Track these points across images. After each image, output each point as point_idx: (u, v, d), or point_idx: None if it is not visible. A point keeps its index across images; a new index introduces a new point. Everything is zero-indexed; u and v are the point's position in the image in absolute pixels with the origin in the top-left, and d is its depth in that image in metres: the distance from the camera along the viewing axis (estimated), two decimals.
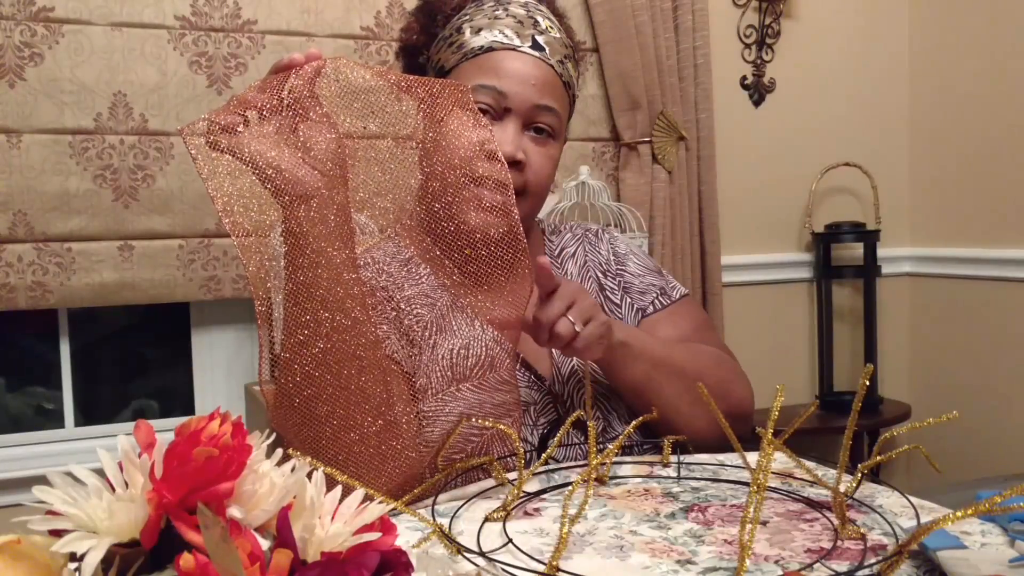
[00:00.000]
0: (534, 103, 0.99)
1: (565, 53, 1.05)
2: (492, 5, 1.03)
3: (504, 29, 1.00)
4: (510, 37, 1.00)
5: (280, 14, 1.95)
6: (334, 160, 0.79)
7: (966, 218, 2.52)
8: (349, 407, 0.79)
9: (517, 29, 1.01)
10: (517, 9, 1.03)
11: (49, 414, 2.03)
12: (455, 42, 1.02)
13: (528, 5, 1.05)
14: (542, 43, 1.01)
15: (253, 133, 0.76)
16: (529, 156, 1.00)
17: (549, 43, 1.02)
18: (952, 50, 2.54)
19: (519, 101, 0.98)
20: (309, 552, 0.47)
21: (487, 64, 0.99)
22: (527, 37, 1.00)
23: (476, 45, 1.00)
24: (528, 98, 0.99)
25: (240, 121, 0.76)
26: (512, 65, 0.99)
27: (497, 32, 1.00)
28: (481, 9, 1.03)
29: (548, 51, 1.01)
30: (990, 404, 2.43)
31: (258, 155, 0.76)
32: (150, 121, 1.86)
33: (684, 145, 2.29)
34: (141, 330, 2.26)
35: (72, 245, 1.82)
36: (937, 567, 0.61)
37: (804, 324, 2.61)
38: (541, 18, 1.04)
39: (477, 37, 1.00)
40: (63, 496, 0.46)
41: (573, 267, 1.16)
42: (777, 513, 0.76)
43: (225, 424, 0.48)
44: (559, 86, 1.02)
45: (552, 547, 0.67)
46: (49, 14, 1.78)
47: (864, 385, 0.69)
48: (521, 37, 1.00)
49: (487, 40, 0.99)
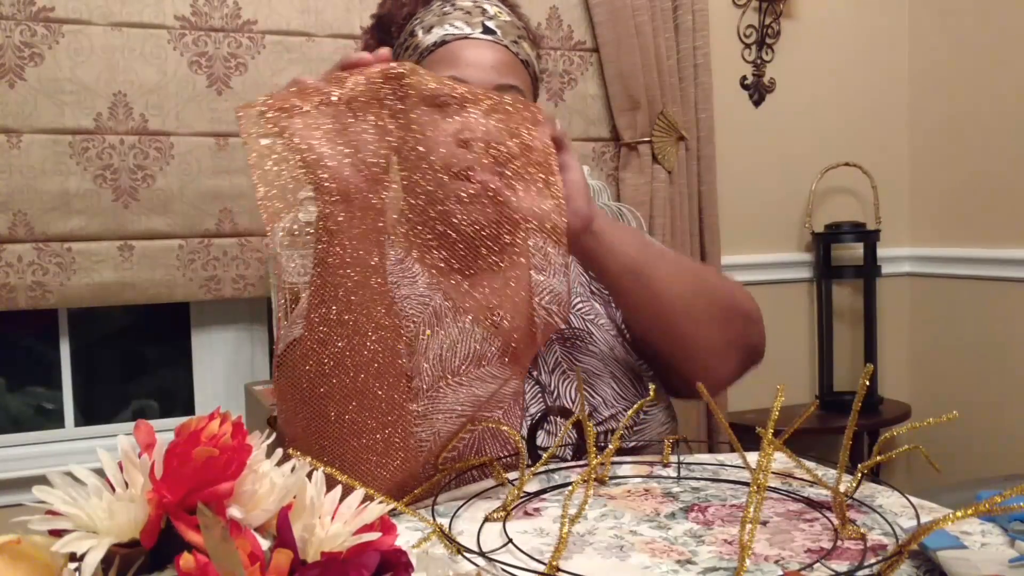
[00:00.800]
0: (495, 83, 1.01)
1: (518, 34, 1.07)
2: (440, 3, 1.06)
3: (454, 22, 1.03)
4: (460, 27, 1.02)
5: (280, 14, 1.95)
6: (380, 164, 0.79)
7: (966, 218, 2.52)
8: (360, 411, 0.79)
9: (466, 19, 1.03)
10: (464, 2, 1.06)
11: (49, 414, 2.03)
12: (410, 45, 1.05)
13: None
14: (492, 27, 1.03)
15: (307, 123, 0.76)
16: None
17: (500, 26, 1.04)
18: (952, 50, 2.54)
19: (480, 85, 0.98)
20: (309, 552, 0.47)
21: (444, 57, 1.01)
22: (477, 24, 1.03)
23: (430, 42, 1.02)
24: (489, 80, 1.00)
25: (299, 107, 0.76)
26: (467, 53, 1.01)
27: (448, 26, 1.02)
28: (430, 10, 1.06)
29: (500, 34, 1.03)
30: (990, 404, 2.43)
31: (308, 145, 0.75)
32: (150, 121, 1.87)
33: (684, 145, 2.29)
34: (141, 330, 2.26)
35: (72, 245, 1.82)
36: (937, 567, 0.61)
37: (804, 324, 2.61)
38: (489, 6, 1.06)
39: (429, 35, 1.03)
40: (63, 496, 0.46)
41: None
42: (777, 513, 0.76)
43: (225, 424, 0.48)
44: (517, 64, 1.04)
45: (552, 547, 0.67)
46: (49, 14, 1.78)
47: (864, 385, 0.69)
48: (471, 25, 1.03)
49: (439, 35, 1.02)
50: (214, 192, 1.92)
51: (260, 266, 1.96)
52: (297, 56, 1.97)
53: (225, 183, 1.92)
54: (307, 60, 1.98)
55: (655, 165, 2.25)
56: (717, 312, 1.00)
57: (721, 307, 1.01)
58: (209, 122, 1.91)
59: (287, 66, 1.96)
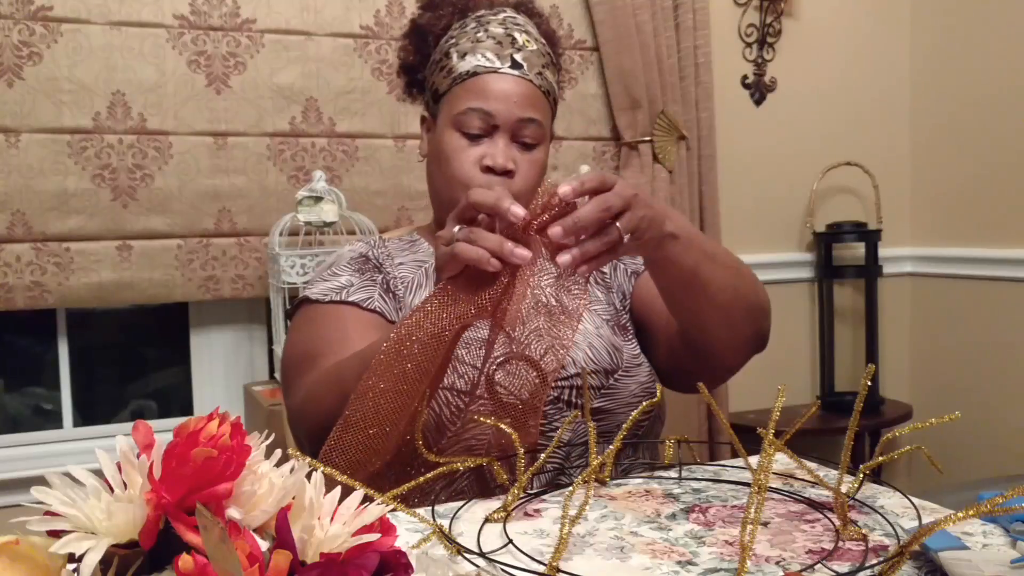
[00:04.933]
0: (518, 117, 1.10)
1: (543, 62, 1.15)
2: (474, 27, 1.15)
3: (486, 52, 1.12)
4: (491, 60, 1.11)
5: (279, 13, 1.95)
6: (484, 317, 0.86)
7: (967, 218, 2.52)
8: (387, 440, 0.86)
9: (496, 51, 1.12)
10: (496, 28, 1.14)
11: (47, 414, 2.03)
12: (445, 66, 1.14)
13: (506, 21, 1.15)
14: (520, 60, 1.12)
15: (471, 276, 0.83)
16: (519, 165, 1.11)
17: (527, 58, 1.13)
18: (954, 49, 2.53)
19: (504, 118, 1.10)
20: (308, 553, 0.47)
21: (474, 88, 1.11)
22: (506, 58, 1.12)
23: (463, 70, 1.12)
24: (512, 114, 1.10)
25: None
26: (496, 87, 1.10)
27: (480, 56, 1.12)
28: (465, 32, 1.15)
29: (526, 67, 1.12)
30: (992, 404, 2.43)
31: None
32: (149, 120, 1.86)
33: (685, 144, 2.29)
34: (140, 330, 2.26)
35: (70, 245, 1.82)
36: (939, 568, 0.61)
37: (805, 324, 2.61)
38: (518, 33, 1.15)
39: (463, 62, 1.12)
40: (62, 497, 0.45)
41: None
42: (778, 514, 0.76)
43: (224, 424, 0.48)
44: (539, 97, 1.13)
45: (552, 548, 0.67)
46: (47, 13, 1.78)
47: (865, 385, 0.69)
48: (501, 58, 1.12)
49: (472, 65, 1.12)
50: (213, 192, 1.91)
51: (259, 266, 1.96)
52: (296, 55, 1.97)
53: (224, 183, 1.92)
54: (306, 59, 1.97)
55: (656, 164, 2.25)
56: (747, 311, 1.04)
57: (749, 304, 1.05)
58: (208, 121, 1.91)
59: (286, 65, 1.96)
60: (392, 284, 1.13)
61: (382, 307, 1.09)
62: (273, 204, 1.96)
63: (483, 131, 1.10)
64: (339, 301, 1.08)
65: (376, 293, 1.10)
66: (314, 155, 1.99)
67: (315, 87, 1.99)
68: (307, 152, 1.99)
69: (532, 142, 1.12)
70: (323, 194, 1.83)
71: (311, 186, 1.84)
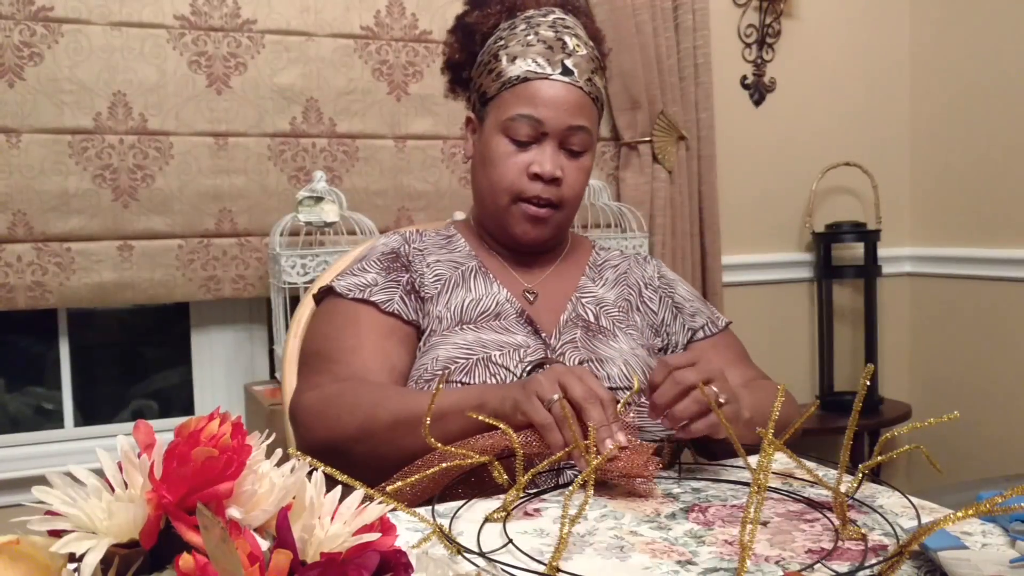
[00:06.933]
0: (567, 124, 1.10)
1: (592, 68, 1.14)
2: (524, 28, 1.13)
3: (536, 57, 1.10)
4: (542, 66, 1.10)
5: (280, 13, 1.95)
6: None
7: (966, 218, 2.52)
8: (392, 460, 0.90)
9: (547, 56, 1.10)
10: (546, 32, 1.12)
11: (48, 414, 2.03)
12: (494, 69, 1.13)
13: (556, 23, 1.13)
14: (570, 66, 1.11)
15: None
16: (566, 172, 1.11)
17: (577, 64, 1.11)
18: (953, 49, 2.54)
19: (554, 125, 1.10)
20: (308, 552, 0.47)
21: (524, 93, 1.10)
22: (557, 64, 1.10)
23: (513, 75, 1.11)
24: (562, 121, 1.10)
25: None
26: (546, 93, 1.09)
27: (530, 61, 1.10)
28: (514, 34, 1.13)
29: (576, 73, 1.11)
30: (991, 404, 2.43)
31: None
32: (149, 121, 1.86)
33: (684, 145, 2.29)
34: (140, 330, 2.26)
35: (71, 245, 1.82)
36: (938, 567, 0.61)
37: (804, 324, 2.61)
38: (568, 37, 1.12)
39: (513, 66, 1.11)
40: (62, 496, 0.45)
41: (612, 274, 1.24)
42: (778, 513, 0.76)
43: (225, 424, 0.48)
44: (588, 104, 1.13)
45: (552, 547, 0.67)
46: (48, 13, 1.78)
47: (865, 385, 0.69)
48: (552, 64, 1.10)
49: (522, 70, 1.10)
50: (213, 192, 1.92)
51: (260, 266, 1.96)
52: (297, 56, 1.97)
53: (224, 183, 1.92)
54: (307, 60, 1.98)
55: (655, 165, 2.25)
56: None
57: None
58: (208, 122, 1.91)
59: (287, 65, 1.96)
60: (418, 284, 1.13)
61: (400, 310, 1.10)
62: (274, 204, 1.96)
63: (532, 138, 1.10)
64: (360, 299, 1.10)
65: (397, 295, 1.11)
66: (314, 155, 2.00)
67: (315, 87, 1.99)
68: (307, 152, 1.99)
69: (580, 149, 1.12)
70: (323, 194, 1.83)
71: (311, 186, 1.84)
